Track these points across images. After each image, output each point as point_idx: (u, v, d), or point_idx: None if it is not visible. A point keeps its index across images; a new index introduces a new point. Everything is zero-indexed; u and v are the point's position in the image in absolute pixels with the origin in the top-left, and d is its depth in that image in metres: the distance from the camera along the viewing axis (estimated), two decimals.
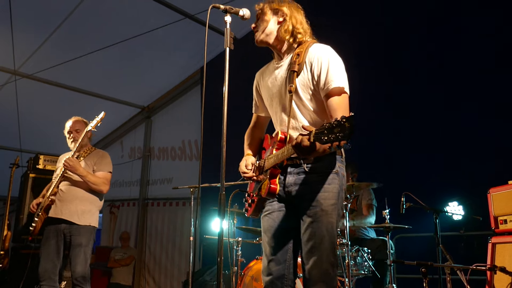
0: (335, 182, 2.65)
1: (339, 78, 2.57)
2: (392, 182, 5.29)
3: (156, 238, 10.00)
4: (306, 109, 2.69)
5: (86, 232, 4.59)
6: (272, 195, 2.65)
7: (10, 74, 8.00)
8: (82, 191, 4.68)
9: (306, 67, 2.67)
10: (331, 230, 2.59)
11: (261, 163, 2.80)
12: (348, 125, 1.97)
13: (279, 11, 2.80)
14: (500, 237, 3.90)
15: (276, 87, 2.83)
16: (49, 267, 4.47)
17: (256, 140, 3.14)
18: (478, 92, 5.31)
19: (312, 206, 2.60)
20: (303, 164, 2.66)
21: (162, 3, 7.11)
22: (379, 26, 6.21)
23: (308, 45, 2.74)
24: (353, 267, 4.76)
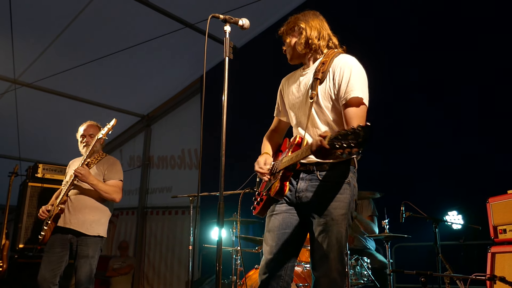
0: (347, 192, 2.68)
1: (359, 88, 2.60)
2: (392, 192, 5.28)
3: (155, 247, 9.97)
4: (325, 117, 2.73)
5: (94, 243, 4.48)
6: (281, 195, 2.70)
7: (10, 83, 8.02)
8: (92, 200, 4.56)
9: (329, 76, 2.71)
10: (340, 240, 2.62)
11: (276, 164, 2.84)
12: (363, 134, 1.99)
13: (295, 27, 2.89)
14: (500, 246, 3.90)
15: (299, 93, 2.89)
16: (48, 276, 4.37)
17: (274, 143, 3.18)
18: (478, 102, 5.31)
19: (323, 215, 2.64)
20: (316, 171, 2.69)
21: (162, 12, 7.14)
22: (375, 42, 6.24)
23: (334, 55, 2.79)
24: (352, 276, 4.74)
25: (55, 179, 6.76)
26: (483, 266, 3.96)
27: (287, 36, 2.92)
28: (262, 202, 2.86)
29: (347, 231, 2.69)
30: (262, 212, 2.92)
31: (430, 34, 5.81)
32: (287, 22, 2.94)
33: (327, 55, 2.81)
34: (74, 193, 4.56)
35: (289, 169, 2.66)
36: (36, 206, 6.52)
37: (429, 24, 5.83)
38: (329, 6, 6.61)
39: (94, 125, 4.94)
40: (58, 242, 4.47)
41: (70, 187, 4.49)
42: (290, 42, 2.90)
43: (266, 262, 2.77)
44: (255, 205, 2.96)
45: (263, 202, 2.85)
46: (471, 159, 5.20)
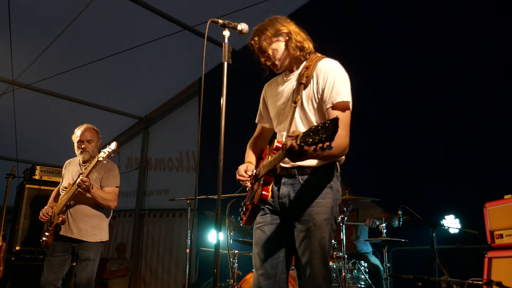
0: (329, 196, 2.64)
1: (344, 92, 2.60)
2: (389, 196, 5.28)
3: (153, 249, 9.95)
4: (308, 122, 2.70)
5: (95, 247, 4.61)
6: (264, 202, 2.63)
7: (8, 84, 8.01)
8: (89, 208, 4.64)
9: (313, 80, 2.69)
10: (324, 245, 2.58)
11: (257, 171, 2.81)
12: (332, 127, 1.98)
13: (280, 33, 2.81)
14: (496, 251, 3.90)
15: (283, 99, 2.86)
16: (51, 278, 4.48)
17: (257, 150, 3.16)
18: (479, 102, 5.32)
19: (305, 221, 2.60)
20: (298, 176, 2.67)
21: (160, 14, 7.14)
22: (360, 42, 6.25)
23: (317, 59, 2.77)
24: (349, 280, 4.74)
25: (52, 181, 6.74)
26: (479, 271, 3.96)
27: (272, 44, 2.80)
28: (248, 212, 2.80)
29: (331, 236, 2.65)
30: (249, 221, 2.85)
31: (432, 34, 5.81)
32: (264, 29, 2.81)
33: (310, 60, 2.79)
34: (73, 202, 4.62)
35: (269, 174, 2.62)
36: (33, 208, 6.51)
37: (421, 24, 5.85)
38: (328, 8, 6.68)
39: (92, 128, 4.93)
40: (60, 246, 4.58)
41: (71, 197, 4.54)
42: (277, 48, 2.79)
43: (257, 277, 2.73)
44: (242, 215, 2.91)
45: (249, 211, 2.79)
46: (468, 163, 5.20)
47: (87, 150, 4.76)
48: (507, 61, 5.03)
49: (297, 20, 2.91)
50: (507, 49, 5.06)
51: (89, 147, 4.78)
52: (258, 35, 2.81)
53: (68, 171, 4.88)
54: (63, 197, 4.64)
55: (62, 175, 4.97)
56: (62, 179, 4.96)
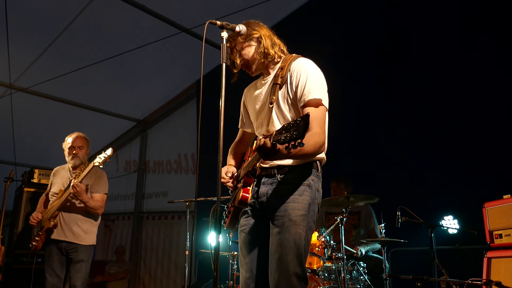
0: (306, 194, 2.63)
1: (317, 90, 2.59)
2: (388, 196, 5.29)
3: (152, 252, 9.94)
4: (285, 121, 2.68)
5: (87, 250, 4.82)
6: (244, 204, 2.63)
7: (5, 88, 8.00)
8: (81, 212, 4.82)
9: (288, 79, 2.70)
10: (299, 242, 2.54)
11: (238, 173, 2.82)
12: (303, 124, 1.98)
13: (251, 37, 2.81)
14: (496, 251, 3.91)
15: (261, 102, 2.87)
16: (56, 281, 4.70)
17: (239, 154, 3.17)
18: (479, 102, 5.33)
19: (280, 216, 2.58)
20: (277, 175, 2.67)
21: (158, 17, 7.14)
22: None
23: (292, 59, 2.78)
24: (348, 281, 4.74)
25: None
26: (479, 271, 3.97)
27: (244, 48, 2.82)
28: (230, 214, 2.79)
29: (308, 235, 2.60)
30: (231, 225, 2.83)
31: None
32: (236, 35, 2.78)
33: (285, 60, 2.81)
34: (64, 207, 4.77)
35: (249, 175, 2.62)
36: (32, 211, 6.48)
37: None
38: (324, 10, 6.69)
39: (82, 136, 5.07)
40: (55, 251, 4.76)
41: (64, 202, 4.70)
42: (248, 53, 2.81)
43: (244, 280, 2.73)
44: (225, 218, 2.89)
45: (231, 214, 2.78)
46: (467, 163, 5.21)
47: (78, 156, 4.93)
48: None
49: (294, 22, 2.91)
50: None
51: (80, 153, 4.95)
52: (230, 41, 2.80)
53: (58, 177, 5.04)
54: (55, 202, 4.78)
55: (51, 182, 5.11)
56: (50, 185, 5.11)
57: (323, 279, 4.78)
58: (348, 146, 5.95)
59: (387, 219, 4.87)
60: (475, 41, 5.37)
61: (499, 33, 5.16)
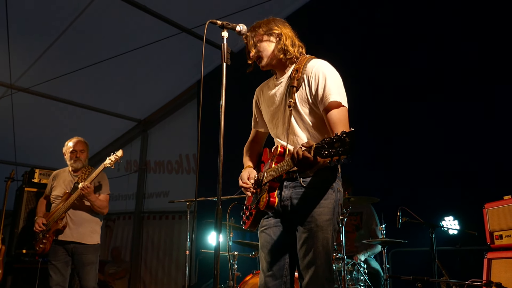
0: (331, 197, 2.65)
1: (336, 92, 2.59)
2: (388, 197, 5.29)
3: (152, 252, 9.94)
4: (304, 124, 2.71)
5: (95, 250, 4.97)
6: (271, 208, 2.66)
7: (6, 88, 8.01)
8: (86, 213, 4.97)
9: (305, 82, 2.70)
10: (327, 246, 2.59)
11: (260, 176, 2.81)
12: (349, 140, 1.99)
13: (272, 33, 2.84)
14: (496, 252, 3.90)
15: (276, 103, 2.86)
16: (60, 279, 4.81)
17: (254, 154, 3.17)
18: (480, 102, 5.32)
19: (307, 222, 2.60)
20: (299, 178, 2.67)
21: (158, 17, 7.14)
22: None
23: (306, 60, 2.77)
24: (349, 281, 4.75)
25: None
26: (479, 272, 3.96)
27: (262, 42, 2.85)
28: (252, 217, 2.83)
29: (334, 237, 2.66)
30: (253, 226, 2.89)
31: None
32: (257, 26, 2.87)
33: (299, 62, 2.80)
34: (72, 208, 4.92)
35: (275, 180, 2.64)
36: (32, 211, 6.51)
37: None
38: (326, 10, 6.69)
39: (82, 141, 5.25)
40: (60, 250, 4.88)
41: (72, 204, 4.84)
42: (266, 47, 2.84)
43: (264, 279, 2.75)
44: (245, 219, 2.93)
45: (253, 216, 2.82)
46: (468, 164, 5.21)
47: (80, 159, 5.12)
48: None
49: (296, 21, 2.91)
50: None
51: (82, 156, 5.13)
52: (251, 30, 2.86)
53: (59, 181, 5.15)
54: (60, 205, 4.91)
55: (52, 186, 5.20)
56: (50, 189, 5.20)
57: None
58: None
59: (387, 219, 4.87)
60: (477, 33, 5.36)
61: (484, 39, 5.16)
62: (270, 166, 2.73)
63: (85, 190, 4.71)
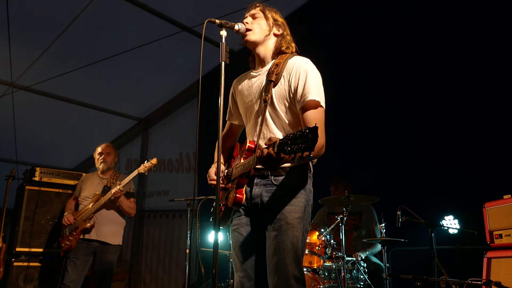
0: (302, 196, 2.62)
1: (316, 91, 2.55)
2: (388, 196, 5.29)
3: (153, 250, 9.94)
4: (280, 121, 2.67)
5: (116, 251, 5.24)
6: (238, 205, 2.63)
7: (7, 86, 8.01)
8: (113, 213, 5.27)
9: (284, 78, 2.65)
10: (296, 244, 2.54)
11: (229, 172, 2.77)
12: (311, 136, 1.95)
13: (279, 23, 2.85)
14: (496, 251, 3.90)
15: (251, 96, 2.82)
16: (76, 278, 5.01)
17: (226, 148, 3.13)
18: (480, 102, 5.32)
19: (277, 219, 2.57)
20: (270, 176, 2.64)
21: (159, 15, 7.14)
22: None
23: (288, 56, 2.74)
24: (348, 280, 4.75)
25: (52, 183, 6.81)
26: (479, 271, 3.97)
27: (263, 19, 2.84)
28: (221, 213, 2.78)
29: (304, 237, 2.61)
30: (222, 223, 2.85)
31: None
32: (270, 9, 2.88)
33: (281, 57, 2.76)
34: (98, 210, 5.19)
35: (242, 176, 2.60)
36: (33, 209, 6.53)
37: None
38: (326, 9, 6.70)
39: (110, 145, 5.72)
40: (83, 248, 5.11)
41: (102, 205, 5.13)
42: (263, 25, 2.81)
43: (239, 280, 2.73)
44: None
45: (222, 212, 2.77)
46: (468, 163, 5.21)
47: (106, 161, 5.51)
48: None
49: (296, 21, 2.92)
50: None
51: (108, 158, 5.52)
52: (262, 4, 2.88)
53: (88, 183, 5.47)
54: (90, 205, 5.16)
55: (80, 187, 5.51)
56: (79, 190, 5.50)
57: (323, 278, 4.79)
58: (348, 146, 5.96)
59: (387, 218, 4.88)
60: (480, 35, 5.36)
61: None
62: (239, 162, 2.69)
63: (117, 194, 5.03)
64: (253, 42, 2.82)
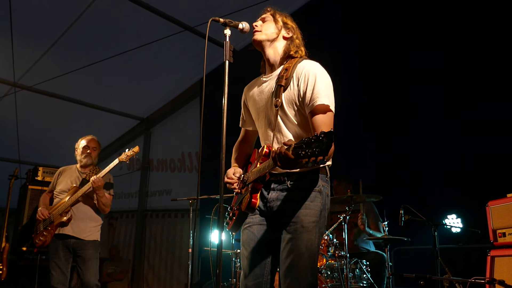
0: (318, 200, 2.61)
1: (325, 95, 2.54)
2: (391, 195, 5.28)
3: (155, 249, 9.96)
4: (291, 124, 2.67)
5: (94, 246, 4.97)
6: (252, 209, 2.61)
7: (9, 86, 8.03)
8: (90, 209, 5.01)
9: (293, 82, 2.64)
10: (311, 248, 2.53)
11: (245, 177, 2.75)
12: (326, 141, 1.95)
13: (289, 26, 2.84)
14: (499, 250, 3.89)
15: (262, 101, 2.82)
16: (62, 278, 4.80)
17: (243, 154, 3.11)
18: (480, 102, 5.31)
19: (292, 223, 2.56)
20: (287, 181, 2.63)
21: (161, 15, 7.15)
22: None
23: (297, 60, 2.73)
24: (351, 279, 4.75)
25: None
26: (482, 269, 3.95)
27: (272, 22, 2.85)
28: (235, 217, 2.78)
29: (319, 241, 2.60)
30: (235, 228, 2.84)
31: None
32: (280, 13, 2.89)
33: (290, 61, 2.75)
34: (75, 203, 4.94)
35: (258, 181, 2.59)
36: (36, 209, 6.54)
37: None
38: (329, 8, 6.69)
39: (96, 139, 5.34)
40: (61, 247, 4.86)
41: (78, 197, 4.87)
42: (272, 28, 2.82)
43: (244, 278, 2.71)
44: (228, 220, 2.88)
45: (236, 217, 2.78)
46: (471, 162, 5.21)
47: (91, 155, 5.19)
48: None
49: (300, 19, 2.91)
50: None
51: (93, 153, 5.21)
52: (273, 9, 2.91)
53: (65, 177, 5.17)
54: (66, 198, 4.89)
55: (56, 181, 5.20)
56: (55, 184, 5.20)
57: (326, 277, 4.79)
58: (351, 145, 5.95)
59: (390, 217, 4.87)
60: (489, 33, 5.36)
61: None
62: (255, 167, 2.68)
63: (96, 184, 4.77)
64: (260, 41, 2.81)
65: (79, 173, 5.15)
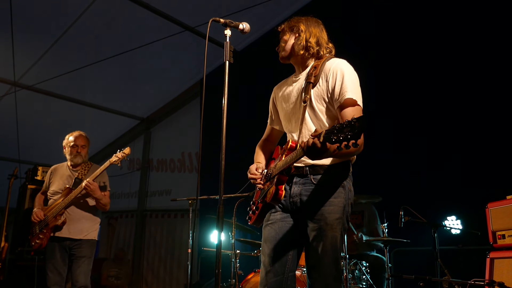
0: (341, 195, 2.64)
1: (353, 90, 2.59)
2: (391, 196, 5.28)
3: (155, 250, 9.96)
4: (319, 120, 2.70)
5: (90, 245, 4.84)
6: (278, 200, 2.62)
7: (10, 85, 8.03)
8: (86, 209, 4.87)
9: (322, 79, 2.70)
10: (335, 244, 2.57)
11: (269, 171, 2.78)
12: (358, 125, 1.97)
13: (295, 27, 2.88)
14: (499, 252, 3.89)
15: (292, 99, 2.86)
16: (58, 279, 4.70)
17: (266, 151, 3.16)
18: (480, 102, 5.31)
19: (316, 220, 2.59)
20: (310, 175, 2.66)
21: (162, 15, 7.15)
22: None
23: (325, 58, 2.80)
24: (351, 280, 4.74)
25: None
26: (481, 271, 3.95)
27: (286, 33, 2.91)
28: (258, 211, 2.80)
29: (343, 236, 2.64)
30: (258, 221, 2.86)
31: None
32: (288, 20, 2.94)
33: (319, 60, 2.82)
34: (71, 204, 4.80)
35: (283, 173, 2.60)
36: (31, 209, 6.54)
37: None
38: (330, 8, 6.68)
39: (84, 136, 5.13)
40: (57, 248, 4.75)
41: (72, 200, 4.72)
42: (288, 39, 2.88)
43: (264, 275, 2.72)
44: (251, 214, 2.89)
45: (259, 210, 2.79)
46: (471, 164, 5.20)
47: (81, 154, 5.01)
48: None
49: None
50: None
51: (82, 152, 5.02)
52: (286, 22, 2.95)
53: (57, 176, 5.03)
54: (59, 200, 4.78)
55: (49, 181, 5.08)
56: (48, 184, 5.08)
57: None
58: None
59: (390, 218, 4.87)
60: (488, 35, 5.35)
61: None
62: (280, 160, 2.69)
63: (89, 188, 4.63)
64: (282, 58, 2.93)
65: (71, 172, 5.00)
